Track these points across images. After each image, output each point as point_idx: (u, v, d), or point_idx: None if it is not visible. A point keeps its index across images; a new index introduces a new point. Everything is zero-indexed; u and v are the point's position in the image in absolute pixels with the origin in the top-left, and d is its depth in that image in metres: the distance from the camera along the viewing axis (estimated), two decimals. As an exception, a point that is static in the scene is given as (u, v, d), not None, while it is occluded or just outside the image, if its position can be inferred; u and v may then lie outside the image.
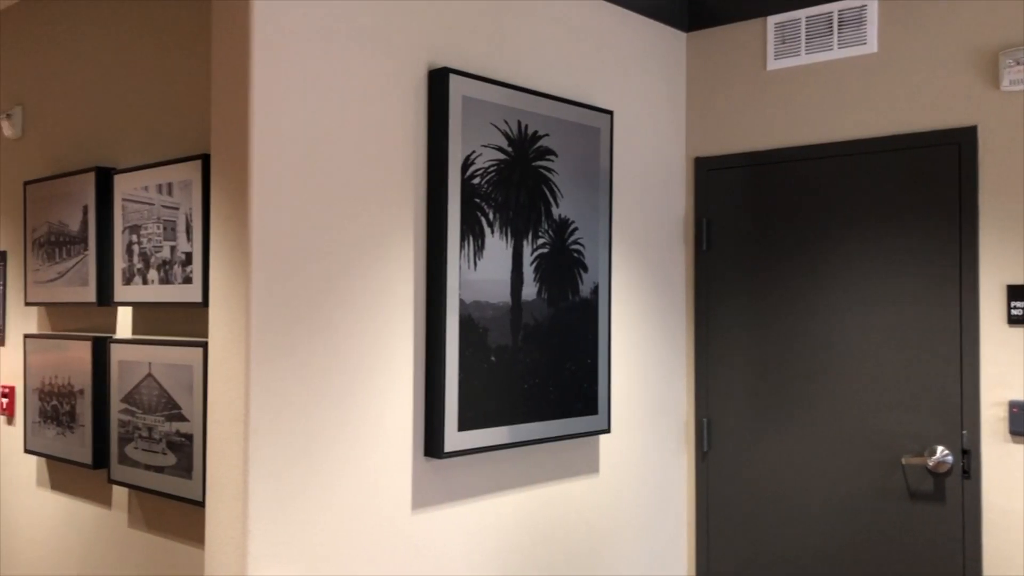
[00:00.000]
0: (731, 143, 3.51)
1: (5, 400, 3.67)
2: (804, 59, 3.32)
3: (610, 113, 3.12)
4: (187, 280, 2.71)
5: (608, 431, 3.09)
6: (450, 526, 2.63)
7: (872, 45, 3.17)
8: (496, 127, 2.71)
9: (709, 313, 3.54)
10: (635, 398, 3.34)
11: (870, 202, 3.17)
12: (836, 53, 3.25)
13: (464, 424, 2.59)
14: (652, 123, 3.46)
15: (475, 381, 2.63)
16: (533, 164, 2.83)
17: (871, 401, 3.14)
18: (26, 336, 3.40)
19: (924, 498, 3.04)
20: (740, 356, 3.45)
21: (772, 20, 3.39)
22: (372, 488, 2.42)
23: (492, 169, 2.70)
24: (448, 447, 2.54)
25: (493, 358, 2.68)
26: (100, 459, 3.04)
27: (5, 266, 3.73)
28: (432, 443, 2.54)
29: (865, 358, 3.16)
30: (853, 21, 3.20)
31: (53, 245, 3.29)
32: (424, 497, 2.56)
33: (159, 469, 2.75)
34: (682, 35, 3.63)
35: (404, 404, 2.51)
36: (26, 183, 3.46)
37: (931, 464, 3.00)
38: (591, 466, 3.13)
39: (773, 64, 3.40)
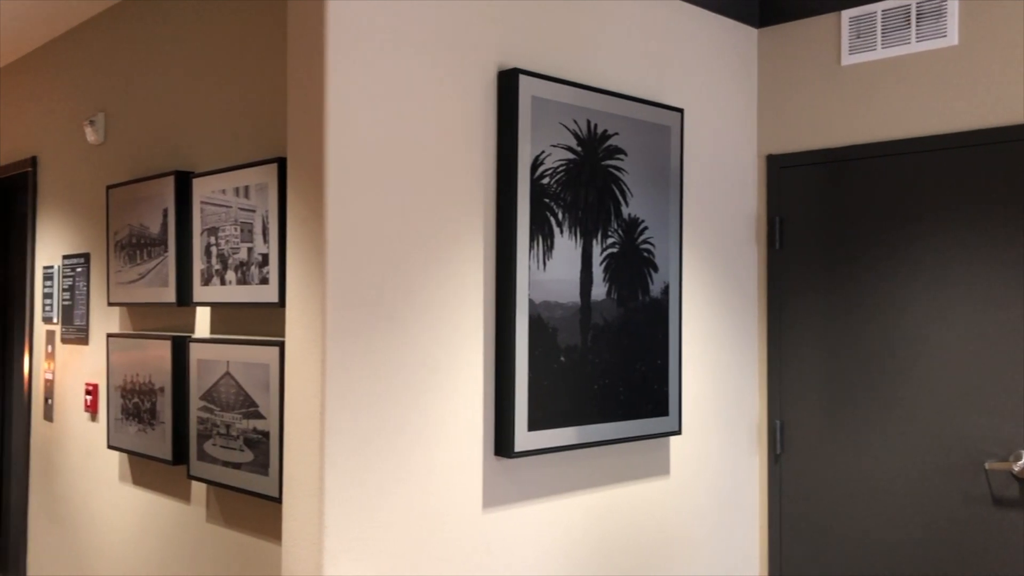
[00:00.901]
0: (804, 140, 3.45)
1: (89, 397, 3.80)
2: (880, 53, 3.24)
3: (680, 111, 3.09)
4: (263, 281, 2.77)
5: (679, 433, 3.06)
6: (521, 526, 2.64)
7: (952, 38, 3.08)
8: (565, 127, 2.71)
9: (782, 313, 3.48)
10: (706, 399, 3.30)
11: (951, 199, 3.08)
12: (914, 47, 3.16)
13: (534, 424, 2.59)
14: (723, 121, 3.42)
15: (545, 381, 2.63)
16: (602, 163, 2.82)
17: (952, 404, 3.05)
18: (109, 335, 3.52)
19: (1009, 504, 2.94)
20: (814, 356, 3.38)
21: (847, 14, 3.32)
22: (444, 486, 2.44)
23: (561, 169, 2.70)
24: (518, 447, 2.54)
25: (563, 358, 2.68)
26: (180, 455, 3.13)
27: (88, 267, 3.86)
28: (502, 442, 2.55)
29: (946, 359, 3.07)
30: (932, 13, 3.12)
31: (134, 247, 3.39)
32: (495, 496, 2.57)
33: (236, 465, 2.82)
34: (753, 31, 3.57)
35: (474, 403, 2.53)
36: (108, 187, 3.57)
37: (1016, 469, 2.90)
38: (661, 468, 3.11)
39: (848, 59, 3.33)
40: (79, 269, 3.91)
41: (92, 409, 3.78)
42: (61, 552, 4.03)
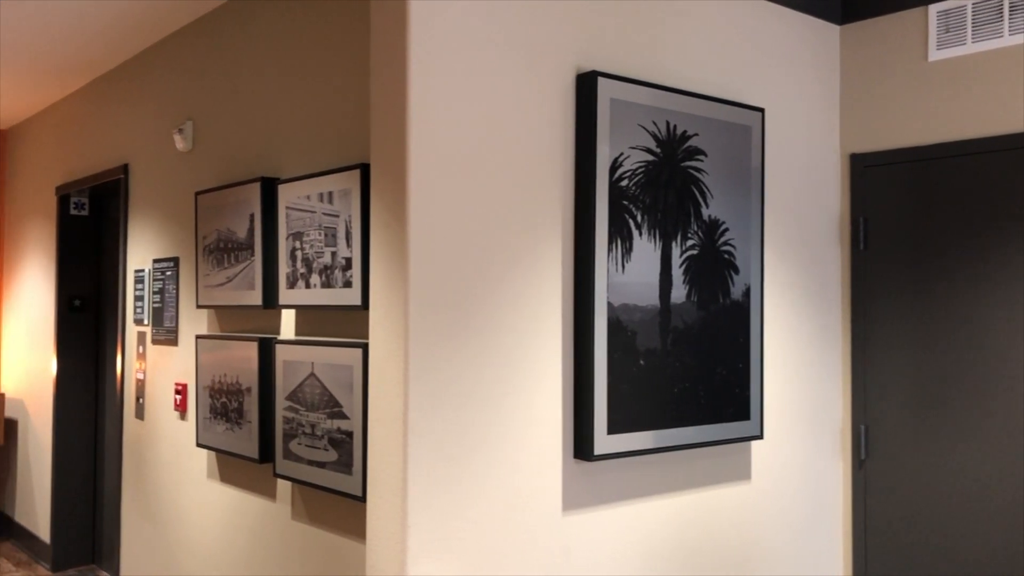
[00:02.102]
0: (889, 138, 3.37)
1: (178, 397, 3.93)
2: (970, 48, 3.15)
3: (761, 111, 3.05)
4: (347, 284, 2.82)
5: (760, 437, 3.02)
6: (600, 529, 2.64)
7: (1048, 30, 2.97)
8: (644, 128, 2.70)
9: (867, 315, 3.40)
10: (788, 403, 3.24)
11: (1046, 197, 2.97)
12: (1007, 40, 3.06)
13: (613, 427, 2.59)
14: (805, 119, 3.36)
15: (624, 385, 2.62)
16: (682, 164, 2.80)
17: (1049, 410, 2.94)
18: (198, 337, 3.63)
19: (1111, 515, 2.82)
20: (900, 359, 3.30)
21: (934, 8, 3.23)
22: (524, 488, 2.45)
23: (640, 171, 2.69)
24: (598, 450, 2.54)
25: (642, 361, 2.67)
26: (266, 454, 3.21)
27: (178, 271, 3.99)
28: (582, 446, 2.55)
29: (1041, 364, 2.95)
30: (1026, 5, 3.01)
31: (222, 251, 3.49)
32: (574, 499, 2.57)
33: (321, 464, 2.88)
34: (835, 28, 3.50)
35: (553, 406, 2.53)
36: (197, 193, 3.69)
37: (1119, 479, 2.78)
38: (742, 472, 3.07)
39: (935, 54, 3.23)
40: (169, 273, 4.05)
41: (181, 408, 3.91)
42: (152, 546, 4.17)
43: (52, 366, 5.41)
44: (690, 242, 2.81)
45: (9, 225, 6.36)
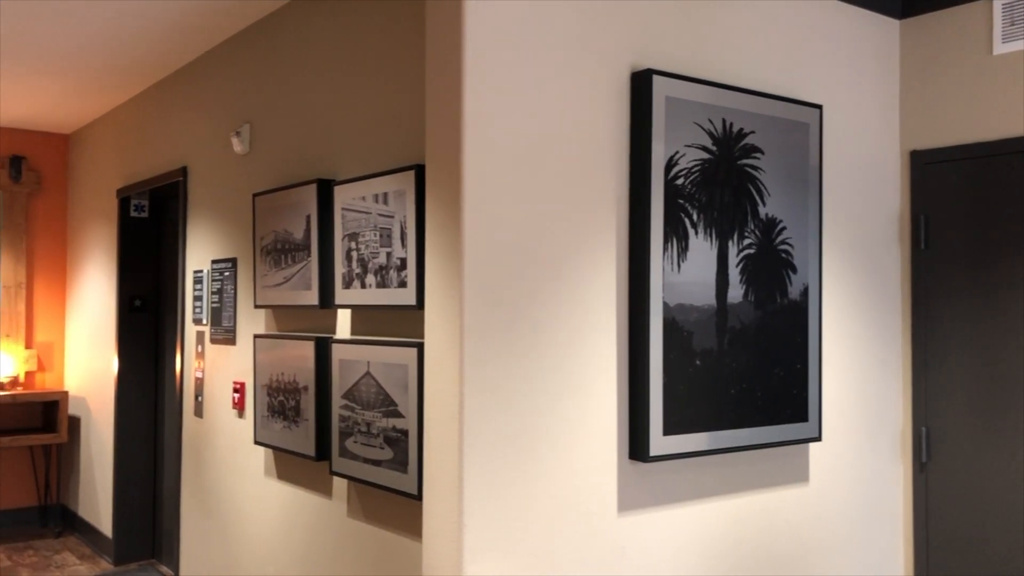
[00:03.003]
0: (951, 135, 3.29)
1: (236, 395, 4.00)
2: (1037, 40, 3.06)
3: (819, 107, 3.00)
4: (402, 284, 2.85)
5: (819, 439, 2.97)
6: (656, 530, 2.62)
7: (1120, 21, 2.88)
8: (700, 126, 2.68)
9: (927, 315, 3.32)
10: (847, 405, 3.19)
11: (1118, 194, 2.87)
12: (1076, 32, 2.97)
13: (669, 428, 2.57)
14: (863, 116, 3.30)
15: (680, 385, 2.60)
16: (738, 162, 2.77)
17: (1121, 413, 2.84)
18: (255, 336, 3.69)
19: None
20: (963, 360, 3.22)
21: (999, 1, 3.15)
22: (579, 488, 2.44)
23: (696, 169, 2.66)
24: (654, 451, 2.53)
25: (698, 362, 2.65)
26: (322, 452, 3.25)
27: (236, 271, 4.06)
28: (637, 446, 2.54)
29: (1113, 366, 2.86)
30: (1096, -5, 2.92)
31: (279, 252, 3.54)
32: (629, 500, 2.56)
33: (376, 463, 2.91)
34: (895, 22, 3.43)
35: (608, 407, 2.52)
36: (254, 195, 3.75)
37: None
38: (800, 475, 3.03)
39: (1000, 48, 3.15)
40: (227, 273, 4.12)
41: (239, 406, 3.97)
42: (211, 542, 4.25)
43: (113, 365, 5.54)
44: (747, 241, 2.78)
45: (72, 227, 6.53)
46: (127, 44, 4.34)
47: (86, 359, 6.15)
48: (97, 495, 5.85)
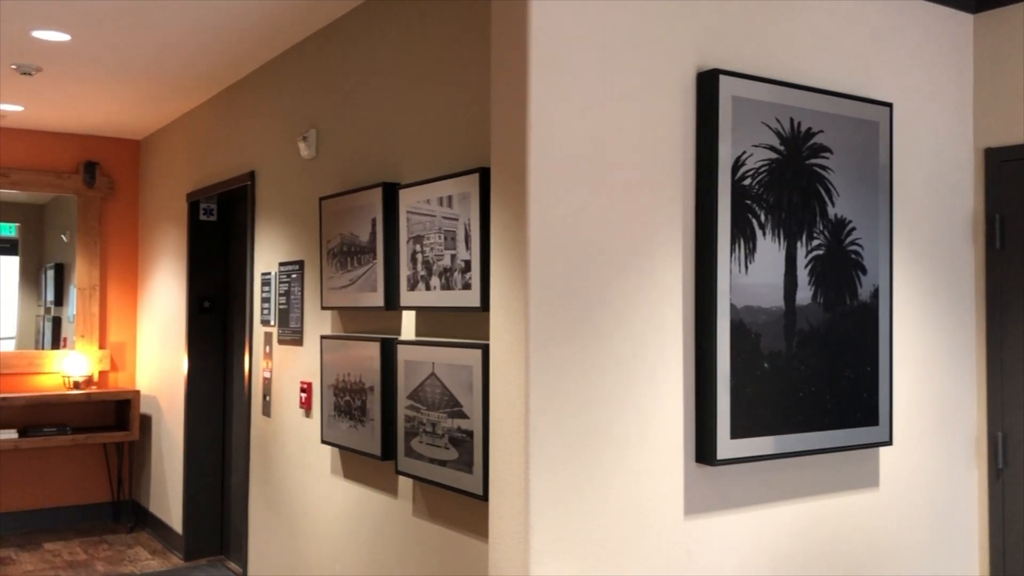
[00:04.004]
0: (1029, 131, 3.19)
1: (303, 395, 4.07)
2: (1120, 33, 2.95)
3: (889, 105, 2.94)
4: (466, 286, 2.87)
5: (889, 443, 2.91)
6: (723, 534, 2.60)
7: None
8: (767, 126, 2.65)
9: (1002, 316, 3.23)
10: (919, 409, 3.12)
11: None
12: None
13: (736, 432, 2.54)
14: (936, 114, 3.22)
15: (747, 388, 2.57)
16: (806, 162, 2.73)
17: None
18: (322, 337, 3.75)
19: None
20: (1042, 365, 3.12)
21: (1079, -8, 3.05)
22: (645, 491, 2.43)
23: (763, 169, 2.63)
24: (721, 454, 2.50)
25: (766, 364, 2.61)
26: (388, 451, 3.29)
27: (303, 274, 4.13)
28: (704, 450, 2.52)
29: None
30: None
31: (345, 255, 3.60)
32: (696, 503, 2.54)
33: (442, 463, 2.93)
34: (968, 17, 3.35)
35: (675, 409, 2.51)
36: (321, 198, 3.81)
37: None
38: (870, 480, 2.97)
39: (1081, 41, 3.05)
40: (294, 275, 4.20)
41: (306, 406, 4.04)
42: (278, 539, 4.33)
43: (183, 365, 5.68)
44: (816, 242, 2.73)
45: (143, 231, 6.71)
46: (198, 52, 4.45)
47: (157, 359, 6.32)
48: (167, 492, 6.00)
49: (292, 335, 4.21)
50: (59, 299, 6.98)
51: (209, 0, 3.69)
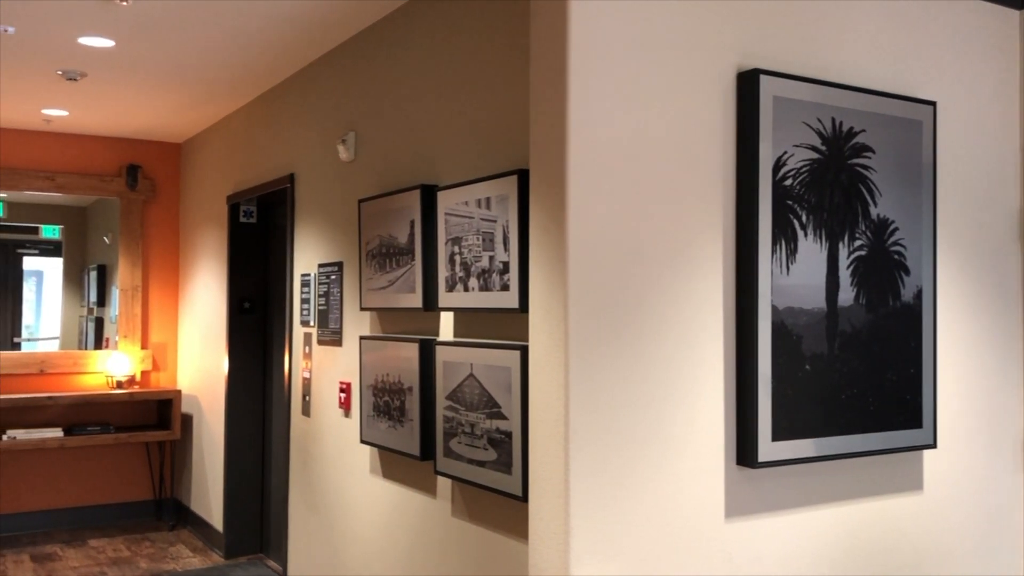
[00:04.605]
0: (1077, 128, 3.13)
1: (343, 395, 4.10)
2: None
3: (933, 104, 2.90)
4: (504, 288, 2.88)
5: (933, 446, 2.88)
6: (764, 537, 2.58)
7: None
8: (808, 126, 2.62)
9: (1051, 319, 3.17)
10: (964, 411, 3.07)
11: None
12: None
13: (778, 434, 2.52)
14: (980, 112, 3.17)
15: (789, 390, 2.55)
16: (848, 162, 2.70)
17: None
18: (361, 338, 3.78)
19: None
20: (1092, 367, 3.06)
21: None
22: (685, 493, 2.43)
23: (804, 169, 2.61)
24: (762, 457, 2.49)
25: (808, 366, 2.59)
26: (427, 452, 3.31)
27: (342, 275, 4.17)
28: (745, 452, 2.50)
29: None
30: None
31: (384, 256, 3.63)
32: (737, 506, 2.52)
33: (480, 463, 2.94)
34: (1014, 13, 3.29)
35: (715, 411, 2.50)
36: (360, 200, 3.85)
37: None
38: (914, 483, 2.93)
39: None
40: (333, 276, 4.24)
41: (345, 406, 4.08)
42: (318, 538, 4.37)
43: (224, 364, 5.76)
44: (858, 242, 2.71)
45: (184, 233, 6.81)
46: (238, 57, 4.50)
47: (197, 359, 6.41)
48: (208, 490, 6.08)
49: (331, 335, 4.25)
50: (101, 300, 7.11)
51: (250, 5, 3.74)
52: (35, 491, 6.41)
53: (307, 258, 4.60)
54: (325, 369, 4.35)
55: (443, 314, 3.34)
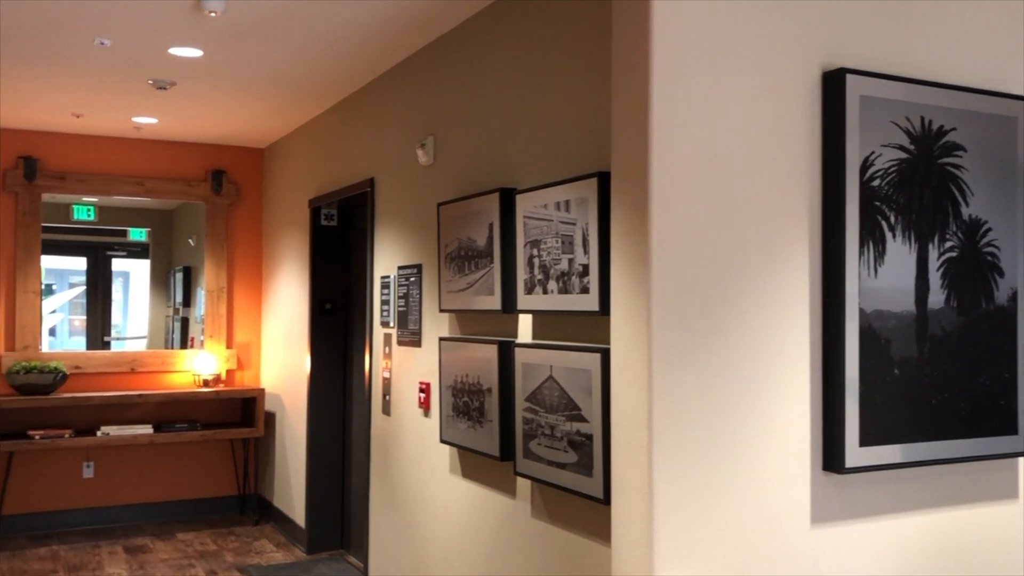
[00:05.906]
0: None
1: (422, 395, 4.16)
2: None
3: (1028, 100, 2.81)
4: (584, 290, 2.89)
5: (1029, 453, 2.78)
6: (851, 544, 2.53)
7: None
8: (897, 125, 2.57)
9: None
10: (1061, 417, 2.96)
11: None
12: None
13: (865, 439, 2.48)
14: (1079, 107, 3.05)
15: (877, 395, 2.50)
16: (938, 161, 2.63)
17: None
18: (441, 339, 3.83)
19: None
20: None
21: None
22: (770, 498, 2.40)
23: (892, 169, 2.56)
24: (849, 463, 2.44)
25: (896, 371, 2.54)
26: (507, 452, 3.34)
27: (421, 277, 4.23)
28: (832, 457, 2.46)
29: None
30: None
31: (463, 259, 3.67)
32: (823, 512, 2.49)
33: (561, 465, 2.96)
34: (1115, 3, 3.16)
35: (800, 415, 2.46)
36: (439, 204, 3.90)
37: None
38: (1008, 491, 2.84)
39: None
40: (412, 279, 4.30)
41: (425, 406, 4.14)
42: (398, 536, 4.44)
43: (306, 364, 5.89)
44: (948, 244, 2.64)
45: (267, 235, 6.99)
46: (320, 63, 4.61)
47: (280, 358, 6.57)
48: (291, 487, 6.23)
49: (411, 336, 4.31)
50: (187, 300, 7.34)
51: (333, 13, 3.83)
52: (127, 485, 6.66)
53: (387, 260, 4.68)
54: (405, 369, 4.42)
55: (522, 316, 3.37)
